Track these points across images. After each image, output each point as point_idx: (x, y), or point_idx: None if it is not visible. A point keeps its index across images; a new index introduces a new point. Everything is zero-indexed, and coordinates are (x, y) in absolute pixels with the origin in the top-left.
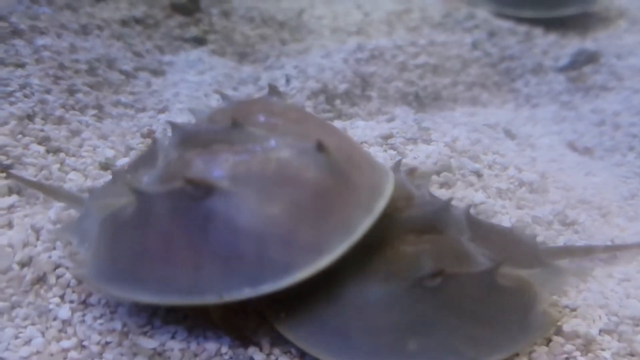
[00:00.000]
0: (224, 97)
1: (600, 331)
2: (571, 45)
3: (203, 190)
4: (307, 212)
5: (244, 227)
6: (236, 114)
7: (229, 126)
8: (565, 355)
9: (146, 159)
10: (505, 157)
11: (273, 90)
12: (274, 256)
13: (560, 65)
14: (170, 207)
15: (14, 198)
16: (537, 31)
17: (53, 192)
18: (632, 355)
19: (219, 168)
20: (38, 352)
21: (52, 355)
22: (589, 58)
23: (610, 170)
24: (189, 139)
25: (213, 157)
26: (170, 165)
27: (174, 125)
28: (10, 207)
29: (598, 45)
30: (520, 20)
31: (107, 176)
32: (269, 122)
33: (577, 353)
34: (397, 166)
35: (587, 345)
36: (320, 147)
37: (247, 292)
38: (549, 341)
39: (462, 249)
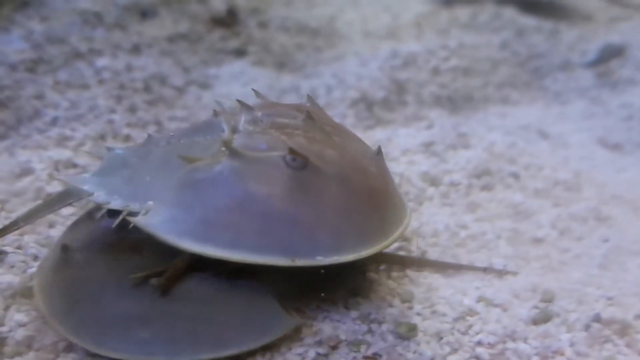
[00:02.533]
0: (258, 95)
1: (635, 317)
2: (596, 39)
3: (301, 162)
4: (372, 203)
5: (329, 202)
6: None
7: (303, 117)
8: (603, 339)
9: (202, 128)
10: (539, 158)
11: (311, 100)
12: (351, 232)
13: (587, 61)
14: (266, 171)
15: None
16: (563, 27)
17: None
18: None
19: (309, 148)
20: None
21: None
22: (615, 52)
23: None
24: (260, 121)
25: (300, 138)
26: (254, 137)
27: (243, 105)
28: None
29: (623, 39)
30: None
31: None
32: (326, 122)
33: (615, 337)
34: None
35: (624, 329)
36: (380, 152)
37: (319, 260)
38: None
39: None
